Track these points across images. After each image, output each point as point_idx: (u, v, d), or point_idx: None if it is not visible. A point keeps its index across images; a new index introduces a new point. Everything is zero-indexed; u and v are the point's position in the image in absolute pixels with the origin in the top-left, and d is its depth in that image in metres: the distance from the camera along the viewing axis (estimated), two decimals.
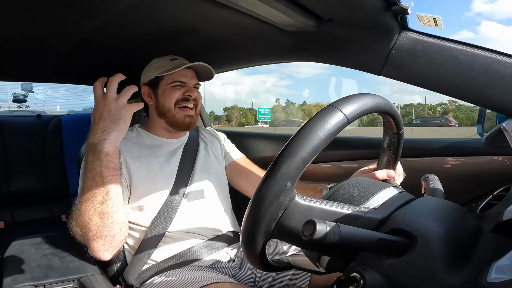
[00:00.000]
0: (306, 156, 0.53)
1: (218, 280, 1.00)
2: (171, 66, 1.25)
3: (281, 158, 0.54)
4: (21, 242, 1.25)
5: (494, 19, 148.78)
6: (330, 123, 0.55)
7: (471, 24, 62.96)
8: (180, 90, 1.24)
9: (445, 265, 0.51)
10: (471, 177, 1.17)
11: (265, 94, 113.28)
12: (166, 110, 1.24)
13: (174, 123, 1.24)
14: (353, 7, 0.90)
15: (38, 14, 1.03)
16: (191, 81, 1.27)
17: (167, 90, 1.24)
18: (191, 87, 1.26)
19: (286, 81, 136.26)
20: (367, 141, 1.51)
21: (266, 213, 0.55)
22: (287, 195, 0.54)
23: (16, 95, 2.90)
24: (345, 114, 0.56)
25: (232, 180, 1.38)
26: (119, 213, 0.99)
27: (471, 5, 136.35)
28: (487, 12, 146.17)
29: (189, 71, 1.27)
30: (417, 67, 0.86)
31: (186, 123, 1.24)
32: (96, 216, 0.95)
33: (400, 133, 0.73)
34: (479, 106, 0.91)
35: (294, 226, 0.56)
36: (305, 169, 0.54)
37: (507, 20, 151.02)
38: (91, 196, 0.96)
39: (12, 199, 1.98)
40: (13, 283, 0.97)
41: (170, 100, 1.23)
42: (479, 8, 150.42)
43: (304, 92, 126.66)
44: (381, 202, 0.60)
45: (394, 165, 0.84)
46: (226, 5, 0.94)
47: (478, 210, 0.68)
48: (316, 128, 0.54)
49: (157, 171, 1.18)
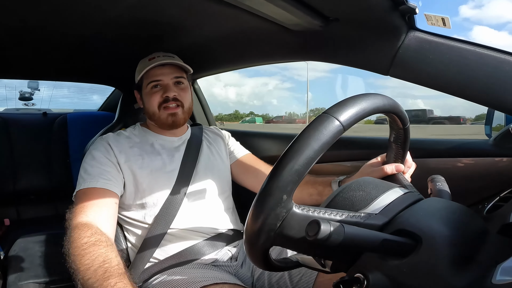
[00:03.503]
0: (301, 169, 0.52)
1: (219, 281, 1.00)
2: (146, 67, 1.22)
3: (276, 171, 0.53)
4: (25, 239, 1.26)
5: (482, 23, 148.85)
6: (324, 133, 0.53)
7: (459, 29, 61.08)
8: (158, 93, 1.22)
9: (450, 267, 0.50)
10: (478, 179, 1.16)
11: (267, 97, 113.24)
12: (152, 113, 1.24)
13: (160, 124, 1.25)
14: (360, 6, 0.90)
15: (42, 12, 1.03)
16: (168, 78, 1.23)
17: (147, 95, 1.24)
18: (169, 86, 1.23)
19: (288, 84, 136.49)
20: (373, 141, 1.50)
21: (264, 225, 0.54)
22: (284, 207, 0.53)
23: (22, 93, 2.92)
24: (341, 121, 0.54)
25: (239, 177, 1.38)
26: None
27: (459, 10, 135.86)
28: (474, 17, 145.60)
29: (165, 68, 1.24)
30: (425, 67, 0.86)
31: (169, 122, 1.23)
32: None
33: (406, 127, 0.72)
34: (487, 107, 0.90)
35: (293, 235, 0.55)
36: (301, 180, 0.53)
37: (496, 26, 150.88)
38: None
39: (17, 196, 1.99)
40: (18, 280, 0.97)
41: (153, 105, 1.23)
42: (466, 13, 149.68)
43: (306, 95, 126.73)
44: (383, 207, 0.59)
45: (402, 159, 0.82)
46: (232, 4, 0.93)
47: (485, 212, 0.68)
48: (310, 140, 0.53)
49: (159, 168, 1.19)
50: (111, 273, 0.84)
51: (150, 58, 1.27)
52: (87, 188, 1.07)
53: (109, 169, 1.12)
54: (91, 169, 1.10)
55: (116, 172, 1.13)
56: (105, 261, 0.86)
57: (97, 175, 1.09)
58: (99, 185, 1.07)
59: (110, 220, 1.04)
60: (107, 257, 0.88)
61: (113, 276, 0.83)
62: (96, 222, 0.98)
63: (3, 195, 1.95)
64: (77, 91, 3.44)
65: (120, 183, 1.14)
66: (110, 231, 1.01)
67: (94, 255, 0.87)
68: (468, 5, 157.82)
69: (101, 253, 0.88)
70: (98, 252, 0.88)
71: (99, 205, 1.04)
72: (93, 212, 1.01)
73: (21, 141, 2.03)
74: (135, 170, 1.15)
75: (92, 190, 1.06)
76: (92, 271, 0.84)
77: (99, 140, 1.19)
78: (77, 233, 0.93)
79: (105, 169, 1.11)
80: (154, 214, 1.15)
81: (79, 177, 1.11)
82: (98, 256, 0.87)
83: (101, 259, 0.87)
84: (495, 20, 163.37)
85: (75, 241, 0.92)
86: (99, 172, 1.10)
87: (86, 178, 1.09)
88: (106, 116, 2.23)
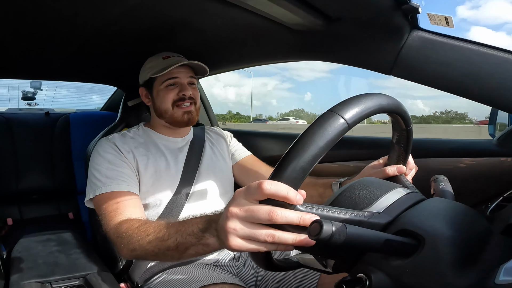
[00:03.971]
0: (306, 166, 0.52)
1: (219, 280, 1.00)
2: (163, 66, 1.23)
3: (280, 168, 0.53)
4: (28, 239, 1.26)
5: (480, 24, 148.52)
6: (329, 130, 0.53)
7: (457, 30, 62.78)
8: (174, 91, 1.23)
9: (453, 267, 0.50)
10: (481, 179, 1.15)
11: (266, 97, 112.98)
12: (163, 111, 1.23)
13: (173, 121, 1.24)
14: (362, 6, 0.89)
15: (45, 12, 1.03)
16: (185, 77, 1.25)
17: (161, 92, 1.23)
18: (185, 85, 1.24)
19: (288, 84, 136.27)
20: (376, 140, 1.49)
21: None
22: (288, 205, 0.54)
23: (25, 93, 2.92)
24: (346, 119, 0.54)
25: (241, 178, 1.38)
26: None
27: (456, 11, 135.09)
28: (471, 17, 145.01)
29: (182, 67, 1.25)
30: (428, 67, 0.85)
31: (185, 120, 1.23)
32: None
33: (409, 129, 0.71)
34: (491, 106, 0.90)
35: None
36: (305, 177, 0.53)
37: (494, 26, 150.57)
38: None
39: (20, 196, 1.99)
40: (20, 280, 0.98)
41: (166, 102, 1.22)
42: (463, 14, 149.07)
43: (306, 96, 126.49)
44: (387, 206, 0.59)
45: (404, 161, 0.82)
46: (234, 4, 0.93)
47: (488, 212, 0.67)
48: (315, 136, 0.53)
49: (163, 169, 1.19)
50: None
51: (164, 56, 1.26)
52: (110, 192, 1.06)
53: (126, 171, 1.12)
54: (108, 172, 1.10)
55: (131, 173, 1.13)
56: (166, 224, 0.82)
57: (116, 177, 1.09)
58: (122, 188, 1.07)
59: (143, 217, 1.02)
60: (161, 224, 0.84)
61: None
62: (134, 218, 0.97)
63: (5, 194, 1.95)
64: (79, 91, 3.45)
65: (137, 182, 1.14)
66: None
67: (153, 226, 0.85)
68: (465, 6, 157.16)
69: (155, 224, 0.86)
70: (154, 223, 0.86)
71: (130, 206, 1.03)
72: (128, 213, 1.00)
73: (24, 141, 2.04)
74: (141, 170, 1.16)
75: (116, 194, 1.06)
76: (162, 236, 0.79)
77: (106, 141, 1.18)
78: (125, 227, 0.92)
79: (122, 171, 1.11)
80: (157, 214, 1.15)
81: (93, 180, 1.10)
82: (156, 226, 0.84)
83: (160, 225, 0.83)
84: (492, 21, 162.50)
85: (127, 231, 0.90)
86: (117, 175, 1.09)
87: (105, 181, 1.08)
88: (108, 115, 2.23)
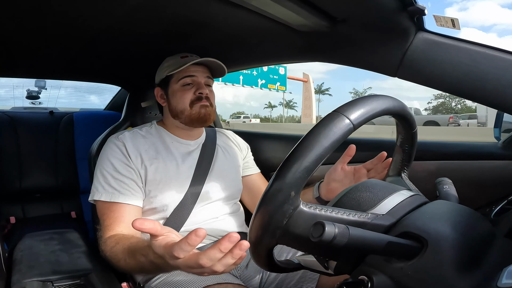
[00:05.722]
0: (310, 166, 0.52)
1: (222, 281, 1.00)
2: (181, 64, 1.21)
3: (285, 167, 0.53)
4: (30, 237, 1.26)
5: (469, 26, 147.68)
6: (334, 130, 0.53)
7: (445, 31, 61.21)
8: (191, 90, 1.20)
9: (456, 270, 0.49)
10: (486, 181, 1.15)
11: (263, 99, 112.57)
12: (180, 111, 1.20)
13: (190, 120, 1.20)
14: (368, 7, 0.89)
15: (51, 11, 1.03)
16: (202, 76, 1.23)
17: (178, 92, 1.21)
18: (202, 84, 1.21)
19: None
20: (378, 143, 1.49)
21: (270, 222, 0.54)
22: (291, 204, 0.53)
23: (29, 92, 2.94)
24: (351, 119, 0.54)
25: (244, 193, 1.38)
26: None
27: (444, 12, 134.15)
28: (461, 19, 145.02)
29: (199, 66, 1.23)
30: (433, 69, 0.85)
31: (201, 114, 1.19)
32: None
33: (413, 132, 0.71)
34: (497, 109, 0.89)
35: (299, 233, 0.55)
36: (309, 177, 0.53)
37: (483, 28, 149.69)
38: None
39: (23, 194, 2.00)
40: (22, 278, 0.98)
41: (184, 102, 1.20)
42: (452, 16, 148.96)
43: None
44: (390, 208, 0.59)
45: (408, 164, 0.82)
46: (239, 5, 0.93)
47: (492, 215, 0.67)
48: (320, 136, 0.53)
49: (173, 174, 1.17)
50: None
51: (182, 56, 1.26)
52: (110, 202, 1.08)
53: (130, 181, 1.11)
54: (113, 181, 1.10)
55: (136, 181, 1.13)
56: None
57: (119, 189, 1.09)
58: (122, 200, 1.09)
59: (137, 233, 1.03)
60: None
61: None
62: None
63: (9, 193, 1.96)
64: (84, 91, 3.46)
65: (142, 192, 1.14)
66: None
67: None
68: (453, 7, 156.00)
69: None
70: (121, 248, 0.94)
71: (123, 222, 1.06)
72: (120, 229, 1.04)
73: (28, 140, 2.05)
74: (149, 175, 1.14)
75: (115, 206, 1.08)
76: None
77: (115, 140, 1.16)
78: (113, 243, 0.98)
79: (126, 182, 1.11)
80: (165, 218, 1.15)
81: (97, 184, 1.11)
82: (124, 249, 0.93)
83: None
84: (481, 22, 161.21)
85: (112, 249, 0.97)
86: (120, 186, 1.10)
87: (108, 189, 1.09)
88: (112, 115, 2.24)
